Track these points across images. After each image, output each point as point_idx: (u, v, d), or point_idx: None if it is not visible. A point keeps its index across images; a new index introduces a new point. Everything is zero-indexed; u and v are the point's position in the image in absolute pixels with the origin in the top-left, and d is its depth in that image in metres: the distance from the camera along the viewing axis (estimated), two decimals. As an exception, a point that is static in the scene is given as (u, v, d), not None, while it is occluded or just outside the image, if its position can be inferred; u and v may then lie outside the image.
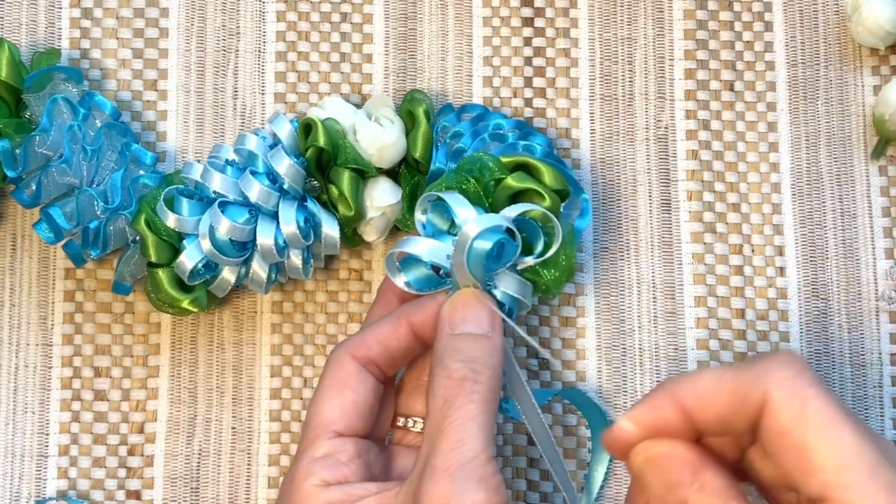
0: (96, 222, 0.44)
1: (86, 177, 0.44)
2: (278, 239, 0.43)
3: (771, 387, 0.31)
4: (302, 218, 0.43)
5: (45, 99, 0.44)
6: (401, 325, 0.40)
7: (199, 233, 0.43)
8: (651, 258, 0.48)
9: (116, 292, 0.45)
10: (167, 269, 0.43)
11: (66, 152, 0.43)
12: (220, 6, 0.49)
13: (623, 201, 0.48)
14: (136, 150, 0.46)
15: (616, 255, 0.48)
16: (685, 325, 0.47)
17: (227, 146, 0.45)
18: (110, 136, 0.45)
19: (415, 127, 0.45)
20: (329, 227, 0.44)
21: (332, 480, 0.38)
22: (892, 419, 0.47)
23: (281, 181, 0.43)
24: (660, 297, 0.48)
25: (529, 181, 0.42)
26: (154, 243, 0.43)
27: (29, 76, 0.44)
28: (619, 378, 0.47)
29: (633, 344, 0.47)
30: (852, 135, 0.49)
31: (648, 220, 0.48)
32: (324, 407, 0.39)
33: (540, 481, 0.46)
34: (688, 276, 0.48)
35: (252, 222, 0.43)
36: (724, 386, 0.33)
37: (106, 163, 0.45)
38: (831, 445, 0.30)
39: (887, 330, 0.47)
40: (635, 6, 0.49)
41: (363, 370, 0.40)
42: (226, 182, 0.43)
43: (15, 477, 0.46)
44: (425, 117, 0.45)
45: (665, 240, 0.48)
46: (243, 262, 0.44)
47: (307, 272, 0.45)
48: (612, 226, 0.48)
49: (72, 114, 0.44)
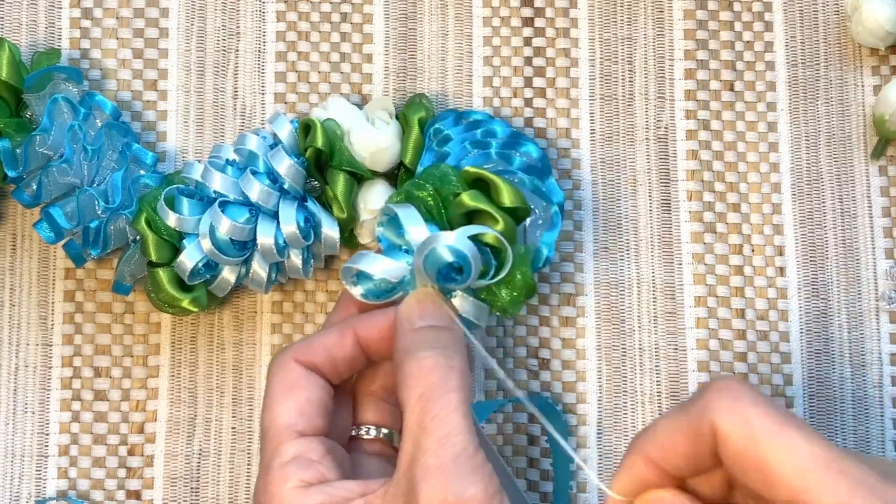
0: (97, 222, 0.44)
1: (86, 177, 0.44)
2: (278, 239, 0.43)
3: (716, 417, 0.32)
4: (302, 218, 0.43)
5: (45, 99, 0.44)
6: (347, 335, 0.40)
7: (200, 232, 0.43)
8: (651, 258, 0.48)
9: (117, 292, 0.45)
10: (167, 269, 0.43)
11: (67, 152, 0.44)
12: (220, 6, 0.49)
13: (623, 201, 0.48)
14: (137, 150, 0.46)
15: (616, 255, 0.48)
16: (685, 325, 0.47)
17: (228, 146, 0.45)
18: (111, 135, 0.45)
19: (408, 132, 0.45)
20: (329, 227, 0.44)
21: (311, 480, 0.37)
22: (892, 419, 0.47)
23: (281, 181, 0.43)
24: (660, 297, 0.48)
25: (483, 202, 0.40)
26: (154, 242, 0.43)
27: (29, 76, 0.44)
28: (619, 378, 0.47)
29: (633, 344, 0.47)
30: (852, 135, 0.49)
31: (648, 220, 0.48)
32: (278, 411, 0.38)
33: (540, 481, 0.46)
34: (688, 276, 0.48)
35: (252, 222, 0.43)
36: (678, 429, 0.33)
37: (107, 163, 0.45)
38: (784, 455, 0.31)
39: (887, 330, 0.47)
40: (635, 6, 0.49)
41: (310, 372, 0.39)
42: (226, 182, 0.43)
43: (15, 477, 0.46)
44: (419, 124, 0.45)
45: (665, 240, 0.48)
46: (243, 262, 0.44)
47: (307, 272, 0.45)
48: (612, 226, 0.48)
49: (72, 113, 0.44)
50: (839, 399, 0.47)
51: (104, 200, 0.44)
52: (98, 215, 0.44)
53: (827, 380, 0.47)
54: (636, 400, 0.47)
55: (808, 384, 0.47)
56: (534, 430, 0.47)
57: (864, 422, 0.47)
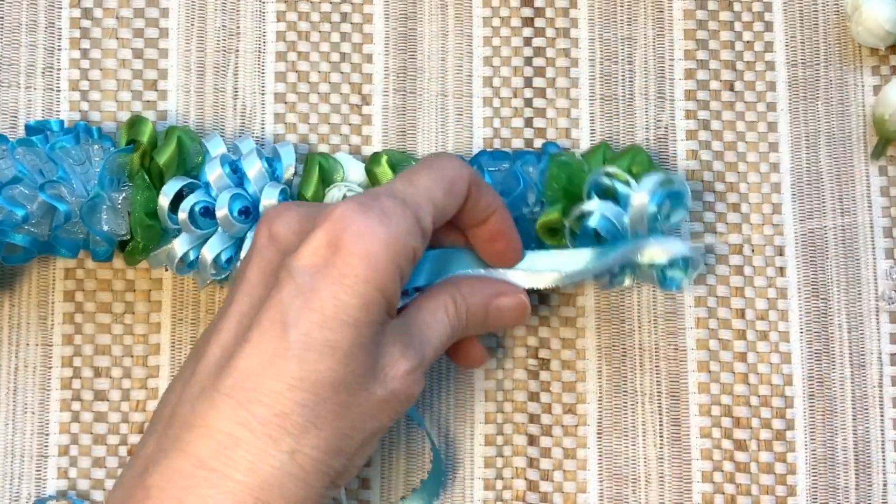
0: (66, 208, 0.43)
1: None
2: (233, 210, 0.43)
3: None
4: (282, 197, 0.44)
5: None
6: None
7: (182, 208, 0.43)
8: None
9: (96, 258, 0.44)
10: (151, 194, 0.43)
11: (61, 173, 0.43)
12: (220, 6, 0.49)
13: (623, 201, 0.48)
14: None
15: (616, 255, 0.48)
16: (685, 325, 0.47)
17: (251, 140, 0.45)
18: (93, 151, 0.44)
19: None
20: None
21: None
22: (892, 419, 0.47)
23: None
24: (660, 297, 0.48)
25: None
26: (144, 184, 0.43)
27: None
28: (619, 378, 0.47)
29: (633, 344, 0.47)
30: (852, 135, 0.49)
31: (648, 220, 0.48)
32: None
33: (540, 481, 0.46)
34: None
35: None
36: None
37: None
38: None
39: (887, 330, 0.47)
40: (635, 6, 0.49)
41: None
42: (221, 181, 0.43)
43: (15, 477, 0.46)
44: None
45: (665, 240, 0.48)
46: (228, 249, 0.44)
47: None
48: (612, 226, 0.48)
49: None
50: (839, 399, 0.47)
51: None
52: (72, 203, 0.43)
53: (827, 380, 0.47)
54: (636, 400, 0.47)
55: (808, 384, 0.47)
56: (533, 431, 0.47)
57: (863, 422, 0.47)
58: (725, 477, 0.46)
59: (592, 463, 0.47)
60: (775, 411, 0.47)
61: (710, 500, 0.46)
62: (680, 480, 0.46)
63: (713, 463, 0.46)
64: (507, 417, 0.47)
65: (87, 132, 0.45)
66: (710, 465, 0.46)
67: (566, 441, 0.47)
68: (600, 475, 0.47)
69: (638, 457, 0.47)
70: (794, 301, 0.47)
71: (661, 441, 0.47)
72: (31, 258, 0.43)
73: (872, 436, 0.47)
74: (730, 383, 0.47)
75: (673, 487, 0.46)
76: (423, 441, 0.47)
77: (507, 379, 0.47)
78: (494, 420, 0.47)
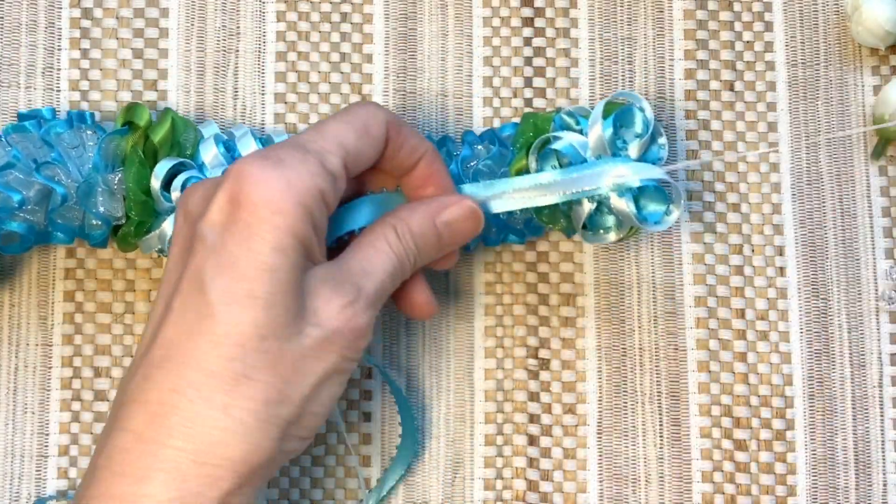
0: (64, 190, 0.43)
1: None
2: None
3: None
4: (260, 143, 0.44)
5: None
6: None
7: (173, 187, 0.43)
8: (651, 258, 0.48)
9: (92, 243, 0.44)
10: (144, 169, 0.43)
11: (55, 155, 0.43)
12: (220, 6, 0.49)
13: (623, 201, 0.48)
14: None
15: (616, 255, 0.48)
16: (685, 325, 0.47)
17: (246, 128, 0.45)
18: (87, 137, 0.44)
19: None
20: None
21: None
22: (892, 419, 0.47)
23: None
24: (660, 297, 0.48)
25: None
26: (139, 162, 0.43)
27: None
28: (619, 378, 0.47)
29: (633, 344, 0.47)
30: (852, 135, 0.49)
31: (648, 220, 0.48)
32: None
33: (540, 481, 0.46)
34: (688, 276, 0.48)
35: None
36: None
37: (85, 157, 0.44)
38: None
39: (887, 330, 0.47)
40: (635, 6, 0.49)
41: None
42: (216, 159, 0.44)
43: (15, 477, 0.46)
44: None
45: (665, 240, 0.48)
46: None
47: None
48: (612, 226, 0.48)
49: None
50: (839, 399, 0.47)
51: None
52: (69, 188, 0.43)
53: (827, 380, 0.47)
54: (636, 400, 0.47)
55: (808, 384, 0.47)
56: (533, 431, 0.47)
57: (863, 422, 0.47)
58: (725, 477, 0.46)
59: (592, 463, 0.47)
60: (775, 411, 0.47)
61: (710, 500, 0.46)
62: (680, 480, 0.46)
63: (713, 463, 0.46)
64: (507, 417, 0.47)
65: (81, 119, 0.45)
66: (710, 465, 0.46)
67: (566, 441, 0.47)
68: (600, 475, 0.47)
69: (638, 457, 0.47)
70: (794, 301, 0.47)
71: (661, 441, 0.47)
72: (29, 247, 0.43)
73: (872, 436, 0.47)
74: (730, 383, 0.47)
75: (673, 487, 0.46)
76: (418, 417, 0.47)
77: (507, 379, 0.47)
78: (494, 420, 0.47)
